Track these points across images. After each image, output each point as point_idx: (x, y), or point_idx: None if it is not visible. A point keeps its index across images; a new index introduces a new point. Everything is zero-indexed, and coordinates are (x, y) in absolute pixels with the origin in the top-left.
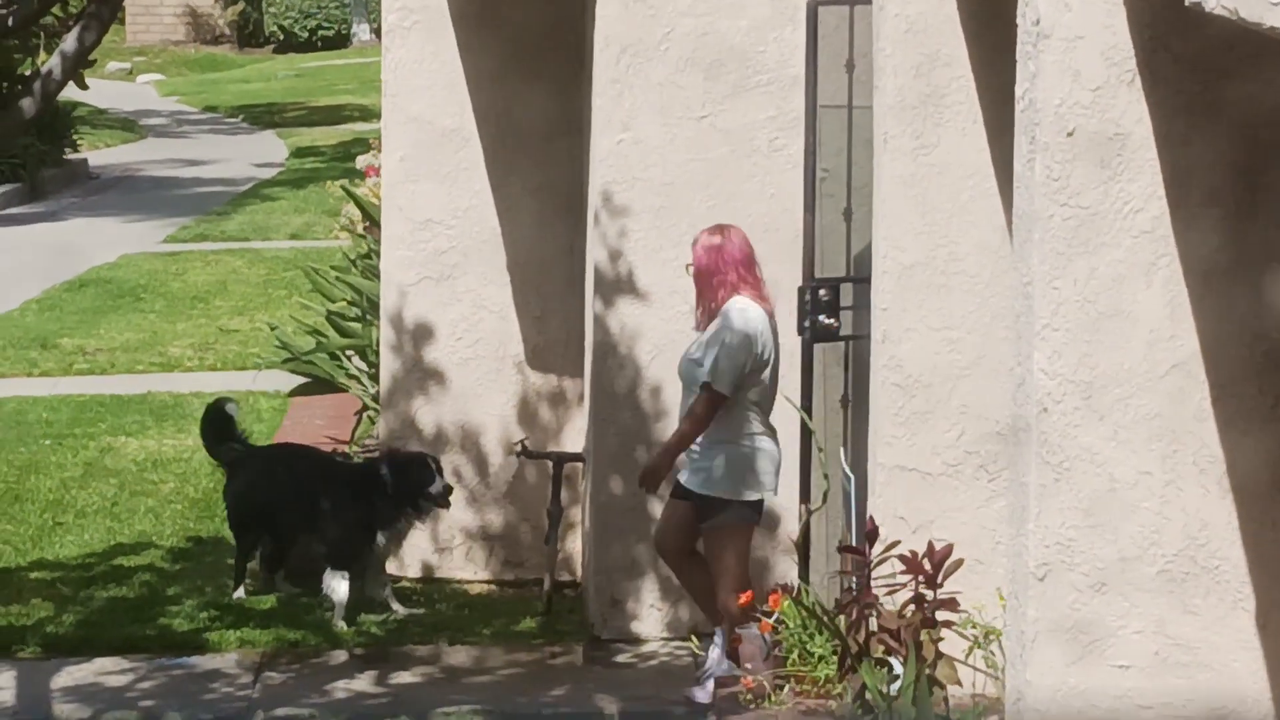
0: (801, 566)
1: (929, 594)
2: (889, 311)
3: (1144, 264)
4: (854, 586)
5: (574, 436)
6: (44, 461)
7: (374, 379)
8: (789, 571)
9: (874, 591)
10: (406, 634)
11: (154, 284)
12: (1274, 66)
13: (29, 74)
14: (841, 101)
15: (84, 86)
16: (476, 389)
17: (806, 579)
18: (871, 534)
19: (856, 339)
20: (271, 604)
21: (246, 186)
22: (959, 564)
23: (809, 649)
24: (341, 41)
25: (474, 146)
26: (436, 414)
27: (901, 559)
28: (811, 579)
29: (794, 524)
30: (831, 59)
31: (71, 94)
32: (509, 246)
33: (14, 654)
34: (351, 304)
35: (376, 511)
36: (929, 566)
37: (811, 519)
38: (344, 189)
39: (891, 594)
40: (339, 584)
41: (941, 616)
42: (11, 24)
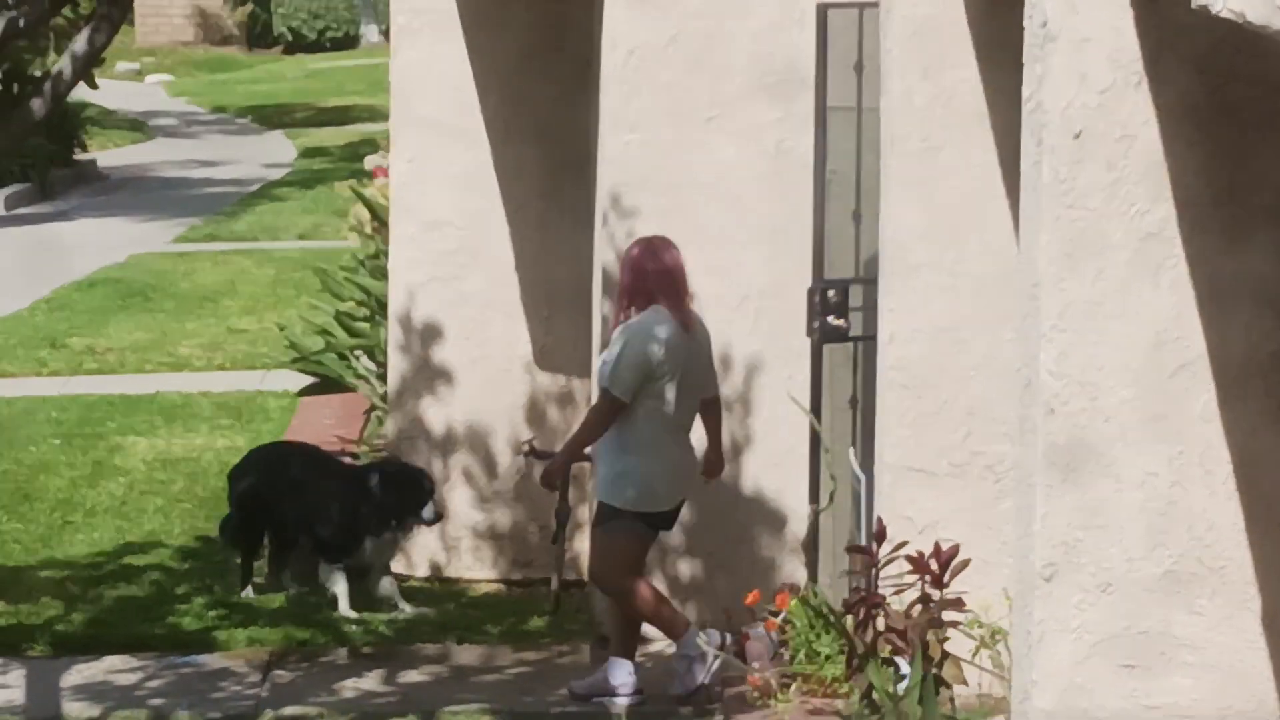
0: (809, 567)
1: (936, 594)
2: (896, 312)
3: (1151, 266)
4: (861, 586)
5: None
6: (53, 461)
7: (382, 379)
8: (796, 571)
9: (881, 591)
10: (414, 633)
11: (163, 284)
12: None
13: (39, 74)
14: (850, 103)
15: (94, 86)
16: (484, 389)
17: (814, 579)
18: (879, 534)
19: (865, 340)
20: (280, 603)
21: (255, 187)
22: (965, 564)
23: (816, 648)
24: (350, 42)
25: (482, 148)
26: (445, 414)
27: (908, 559)
28: (819, 579)
29: (801, 524)
30: (840, 61)
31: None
32: (517, 247)
33: (24, 652)
34: (360, 304)
35: (362, 518)
36: (935, 567)
37: (819, 519)
38: (353, 189)
39: (898, 594)
40: (334, 575)
41: (948, 616)
42: (22, 25)
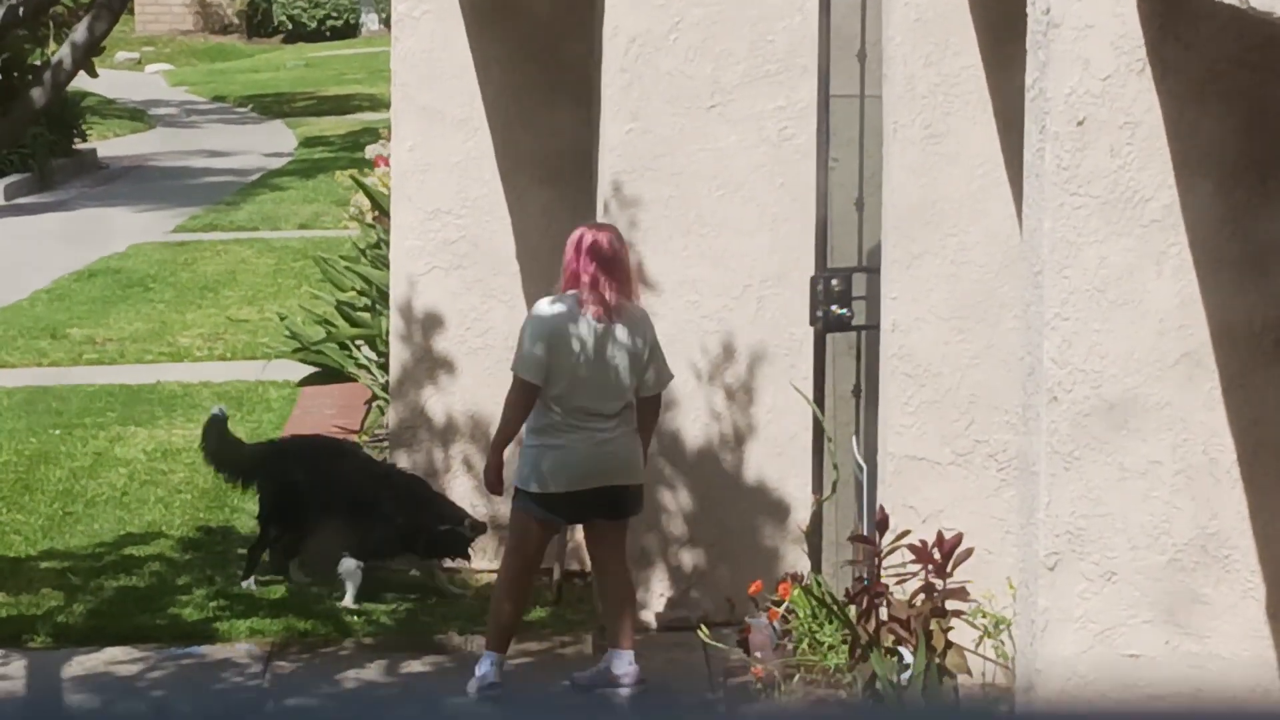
0: (812, 556)
1: (939, 583)
2: (899, 301)
3: (1154, 253)
4: (864, 576)
5: None
6: (54, 451)
7: (383, 368)
8: (799, 561)
9: (884, 581)
10: (416, 623)
11: (163, 274)
12: None
13: (39, 64)
14: (853, 91)
15: (94, 74)
16: (486, 378)
17: (817, 568)
18: (882, 524)
19: (868, 329)
20: (281, 594)
21: (255, 176)
22: (969, 553)
23: (819, 638)
24: (350, 31)
25: (483, 136)
26: (446, 403)
27: (911, 548)
28: (822, 568)
29: (804, 514)
30: (843, 48)
31: (81, 84)
32: (518, 236)
33: (24, 643)
34: (361, 294)
35: (411, 532)
36: (939, 556)
37: (822, 509)
38: (353, 178)
39: (901, 583)
40: (356, 571)
41: (951, 606)
42: (22, 14)
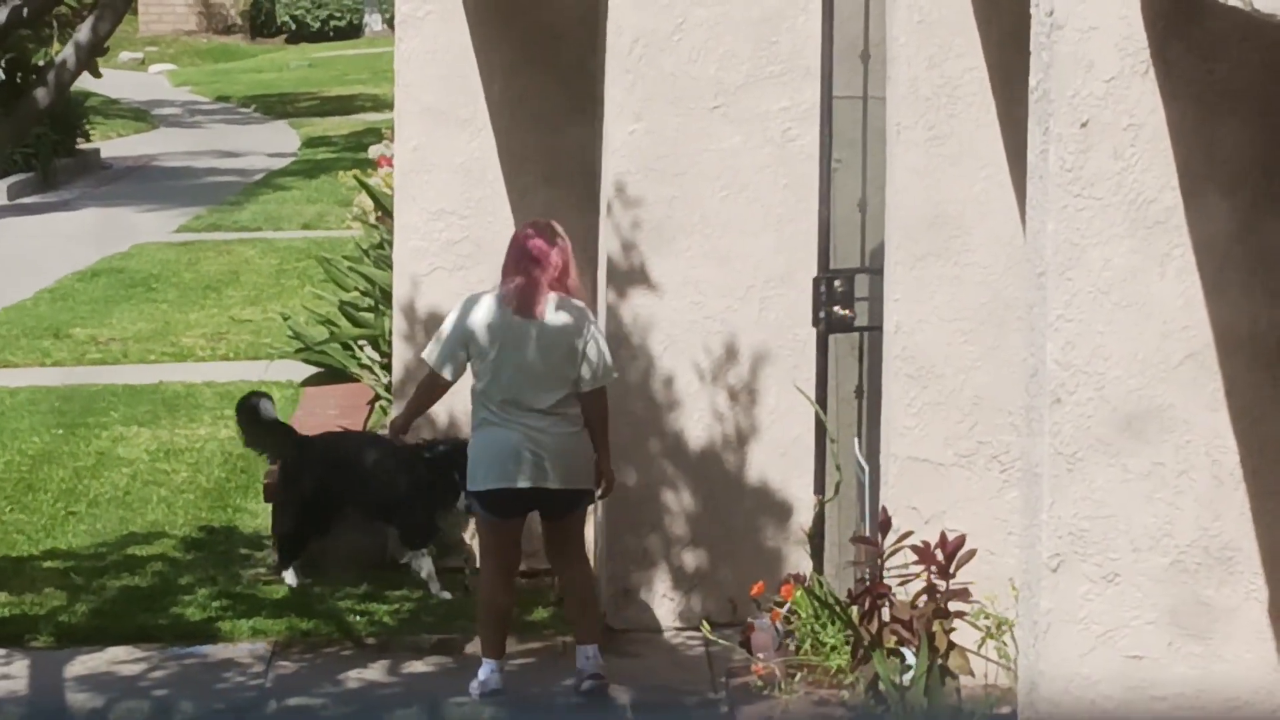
0: (814, 557)
1: (941, 584)
2: (902, 302)
3: (1158, 255)
4: (866, 577)
5: None
6: (56, 451)
7: (386, 369)
8: (802, 562)
9: (886, 582)
10: (419, 623)
11: (166, 274)
12: None
13: (43, 64)
14: (856, 92)
15: (98, 75)
16: None
17: (820, 569)
18: (884, 525)
19: (871, 330)
20: (284, 593)
21: (259, 176)
22: (971, 554)
23: (821, 639)
24: (354, 32)
25: (487, 136)
26: (448, 403)
27: (914, 549)
28: (824, 569)
29: (807, 515)
30: (846, 49)
31: (84, 84)
32: None
33: (27, 643)
34: (364, 294)
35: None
36: (941, 557)
37: (824, 510)
38: (356, 179)
39: (904, 584)
40: (424, 559)
41: (954, 607)
42: (26, 14)
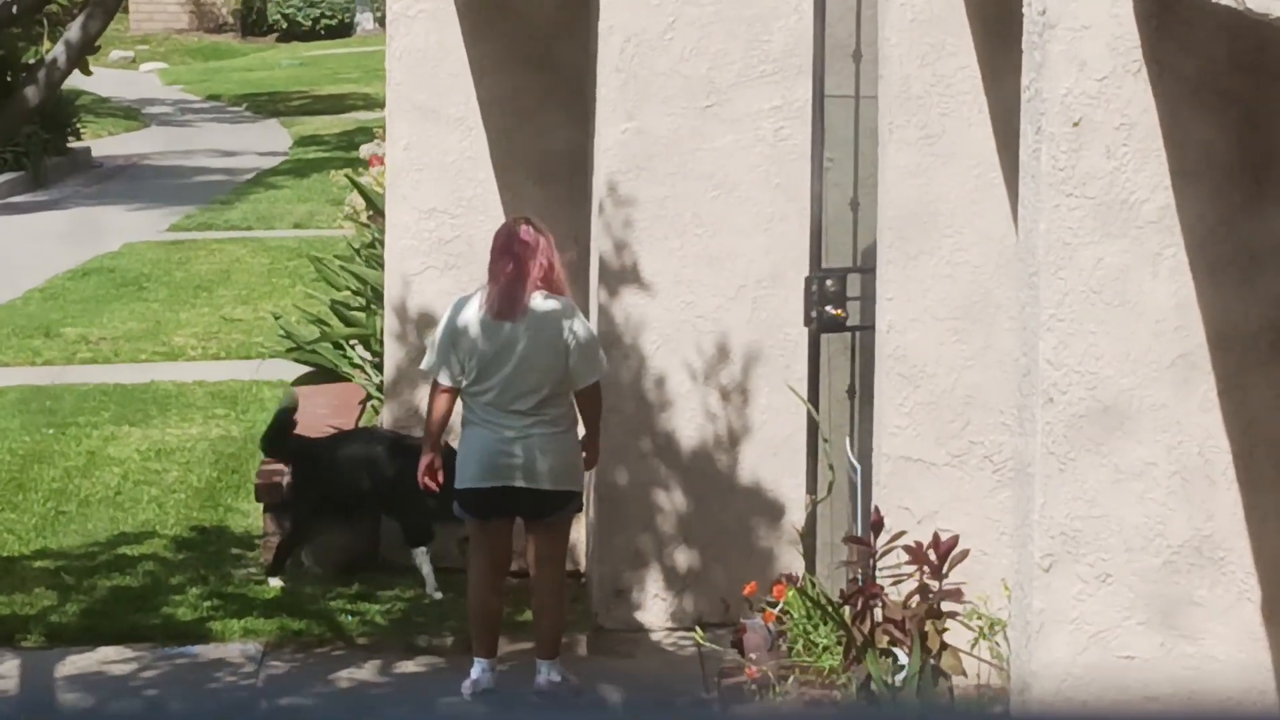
0: (807, 557)
1: (934, 585)
2: (894, 301)
3: (1150, 254)
4: (859, 577)
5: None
6: (47, 450)
7: (378, 368)
8: (794, 562)
9: (879, 582)
10: (410, 623)
11: (157, 273)
12: None
13: (33, 62)
14: (848, 91)
15: (88, 72)
16: None
17: (812, 570)
18: (876, 525)
19: (863, 329)
20: (275, 593)
21: (250, 175)
22: (964, 555)
23: (814, 639)
24: (345, 30)
25: (478, 135)
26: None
27: (906, 550)
28: (817, 570)
29: (799, 515)
30: (838, 48)
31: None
32: None
33: (17, 643)
34: (356, 293)
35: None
36: (934, 557)
37: (817, 510)
38: (348, 178)
39: (896, 585)
40: (424, 558)
41: (946, 607)
42: (16, 12)
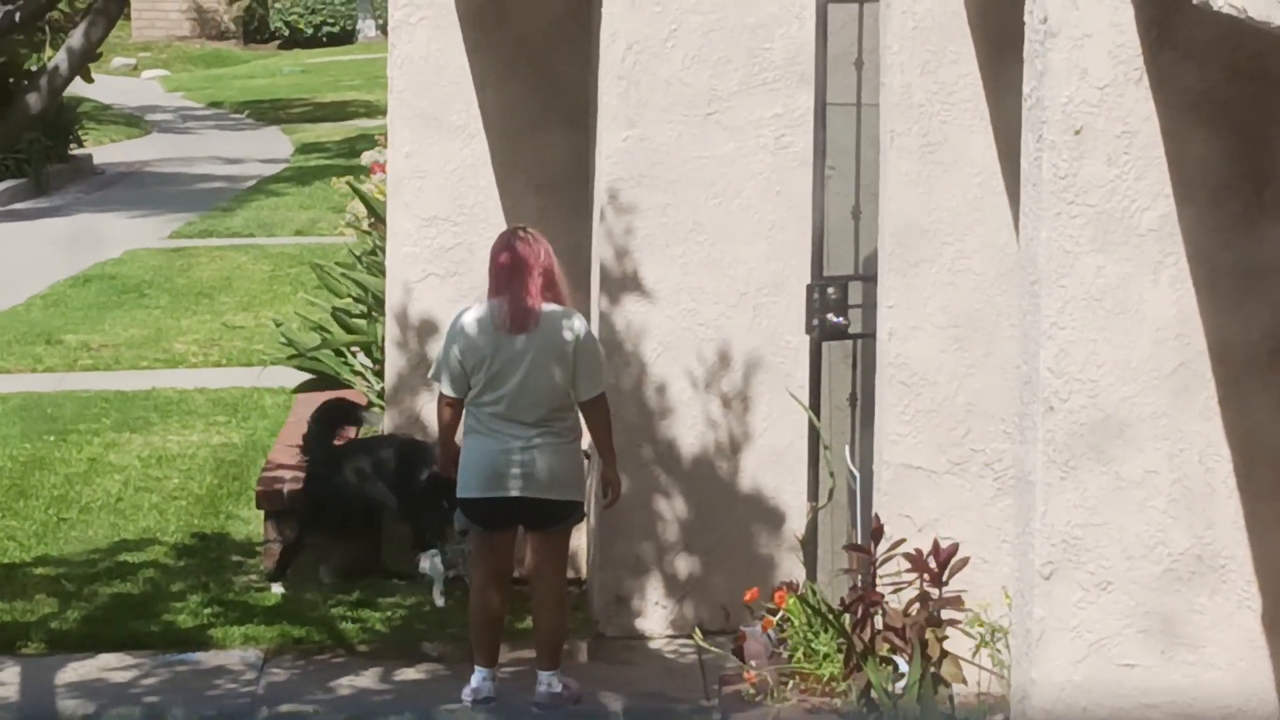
0: (807, 565)
1: (934, 592)
2: (895, 309)
3: (1151, 262)
4: (859, 585)
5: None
6: (48, 457)
7: (379, 375)
8: (794, 569)
9: (879, 590)
10: (411, 630)
11: (159, 280)
12: None
13: (35, 69)
14: (850, 99)
15: (89, 79)
16: None
17: (813, 577)
18: (877, 532)
19: (865, 337)
20: (275, 600)
21: (251, 182)
22: (964, 562)
23: (814, 647)
24: (347, 38)
25: (480, 143)
26: None
27: (907, 557)
28: (817, 577)
29: (799, 522)
30: (840, 56)
31: (77, 90)
32: None
33: (18, 650)
34: (357, 300)
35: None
36: (934, 565)
37: (817, 517)
38: (349, 185)
39: (897, 592)
40: (435, 562)
41: (947, 615)
42: (18, 19)
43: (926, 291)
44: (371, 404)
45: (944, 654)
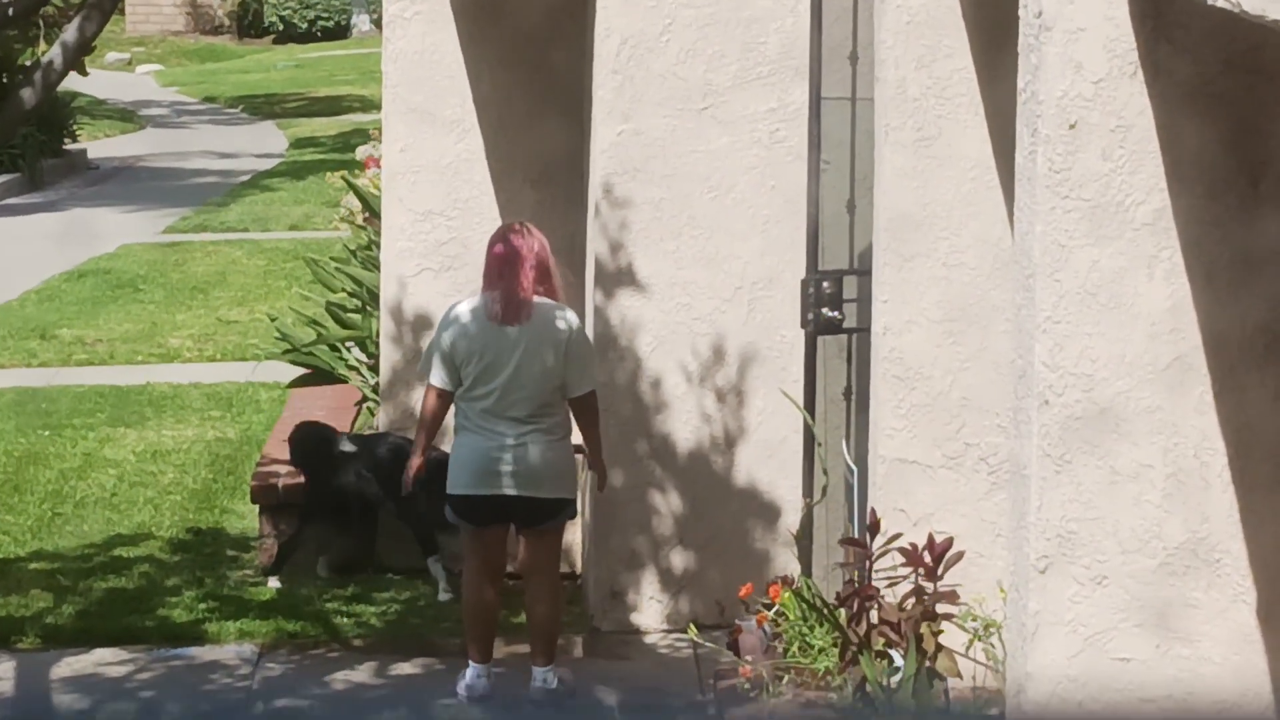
0: (802, 559)
1: (929, 587)
2: (889, 303)
3: (1146, 257)
4: (854, 579)
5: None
6: (43, 452)
7: (374, 370)
8: (789, 564)
9: (874, 584)
10: (406, 625)
11: (153, 274)
12: (1276, 59)
13: (29, 64)
14: (845, 93)
15: (84, 74)
16: None
17: (808, 572)
18: (872, 527)
19: (859, 331)
20: (270, 595)
21: (246, 177)
22: (959, 557)
23: (809, 641)
24: (341, 32)
25: (474, 137)
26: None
27: (902, 552)
28: (812, 572)
29: (795, 517)
30: (835, 50)
31: (71, 84)
32: None
33: (13, 645)
34: (351, 295)
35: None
36: (929, 559)
37: (812, 512)
38: (344, 180)
39: (892, 587)
40: (437, 568)
41: (942, 609)
42: (12, 14)
43: (921, 286)
44: (366, 398)
45: (939, 648)
